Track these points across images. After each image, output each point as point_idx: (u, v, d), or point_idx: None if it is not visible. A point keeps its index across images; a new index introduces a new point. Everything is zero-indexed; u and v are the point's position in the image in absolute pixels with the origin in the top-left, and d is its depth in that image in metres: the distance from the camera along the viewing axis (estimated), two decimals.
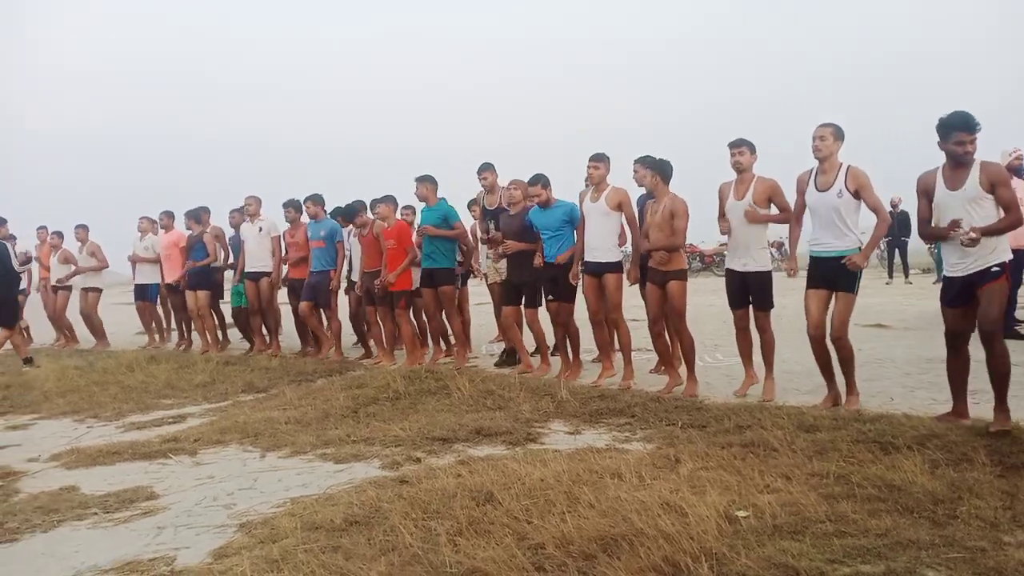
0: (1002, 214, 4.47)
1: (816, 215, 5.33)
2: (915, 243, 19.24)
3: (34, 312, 12.67)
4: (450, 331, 8.40)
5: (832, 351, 5.29)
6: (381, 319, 8.59)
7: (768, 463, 3.99)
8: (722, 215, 5.95)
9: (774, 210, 5.77)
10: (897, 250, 18.19)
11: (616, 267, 6.58)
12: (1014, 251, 7.84)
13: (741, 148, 5.76)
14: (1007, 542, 2.86)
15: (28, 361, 9.44)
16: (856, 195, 5.14)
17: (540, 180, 6.92)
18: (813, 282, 5.35)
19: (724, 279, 6.12)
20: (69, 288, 12.21)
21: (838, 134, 5.22)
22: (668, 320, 6.30)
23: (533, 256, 7.16)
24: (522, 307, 7.42)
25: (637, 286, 6.91)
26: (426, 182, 8.00)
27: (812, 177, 5.32)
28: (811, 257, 5.40)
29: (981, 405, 5.22)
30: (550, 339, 7.41)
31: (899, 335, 8.96)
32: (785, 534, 3.03)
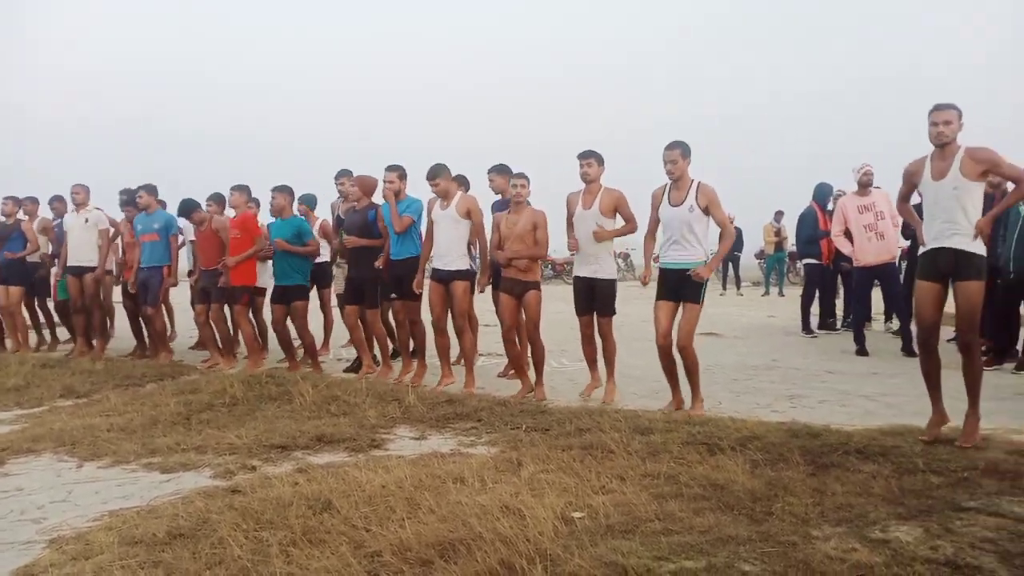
0: None
1: (668, 228, 5.55)
2: (746, 258, 20.70)
3: None
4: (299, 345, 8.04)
5: (678, 360, 5.52)
6: (215, 320, 8.15)
7: (605, 465, 4.12)
8: (570, 226, 6.11)
9: (619, 221, 5.99)
10: (731, 264, 19.40)
11: (465, 275, 6.56)
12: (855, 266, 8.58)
13: (589, 160, 5.95)
14: (815, 536, 3.09)
15: None
16: (706, 211, 5.40)
17: (397, 169, 6.80)
18: (662, 294, 5.56)
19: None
20: None
21: (686, 153, 5.44)
22: (523, 329, 6.40)
23: (374, 253, 7.08)
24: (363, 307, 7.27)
25: (489, 291, 6.95)
26: (283, 192, 7.59)
27: (666, 192, 5.55)
28: (660, 269, 5.63)
29: (798, 409, 5.65)
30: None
31: (729, 343, 9.55)
32: (617, 533, 3.13)
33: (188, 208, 8.27)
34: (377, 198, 7.24)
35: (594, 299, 6.02)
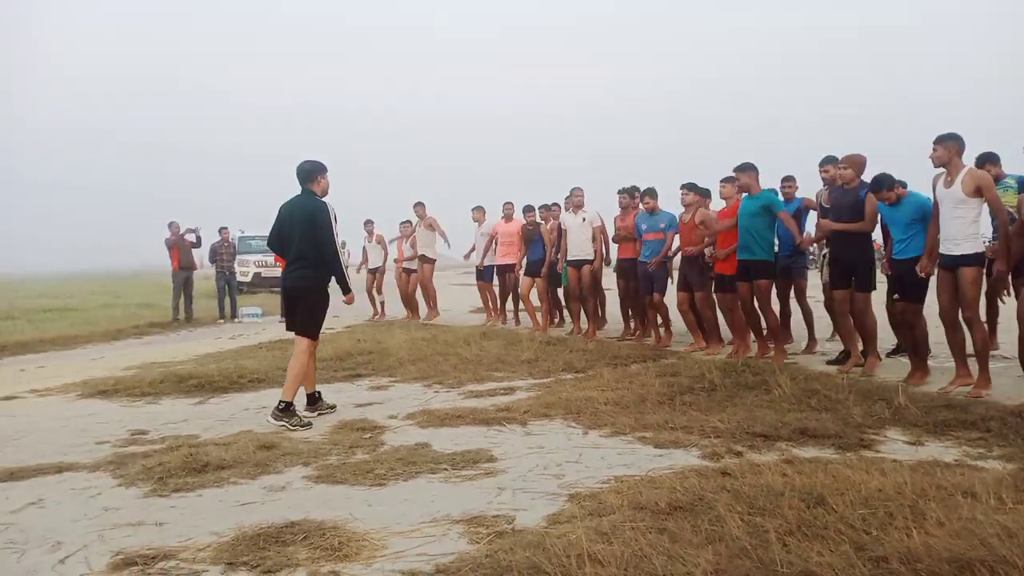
0: None
1: None
2: None
3: (389, 290, 14.64)
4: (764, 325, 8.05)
5: None
6: (700, 307, 8.54)
7: None
8: None
9: None
10: None
11: (974, 260, 5.78)
12: None
13: None
14: None
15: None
16: None
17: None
18: None
19: None
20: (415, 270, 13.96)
21: None
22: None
23: (861, 237, 6.83)
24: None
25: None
26: (747, 171, 7.76)
27: None
28: None
29: None
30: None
31: None
32: None
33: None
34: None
35: None
